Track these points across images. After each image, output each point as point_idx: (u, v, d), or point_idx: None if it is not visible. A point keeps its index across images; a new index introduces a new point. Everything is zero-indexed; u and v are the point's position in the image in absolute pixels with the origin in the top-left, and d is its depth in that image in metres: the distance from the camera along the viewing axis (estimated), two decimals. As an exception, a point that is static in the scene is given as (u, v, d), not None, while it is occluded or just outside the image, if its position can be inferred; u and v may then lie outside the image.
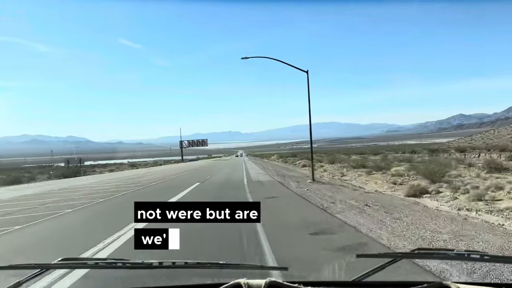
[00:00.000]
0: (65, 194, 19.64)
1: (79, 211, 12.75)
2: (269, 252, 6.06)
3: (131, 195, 17.51)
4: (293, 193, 15.60)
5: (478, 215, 10.83)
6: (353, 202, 12.27)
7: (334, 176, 30.32)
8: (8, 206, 15.20)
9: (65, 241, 8.42)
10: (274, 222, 8.64)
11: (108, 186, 24.36)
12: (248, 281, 1.63)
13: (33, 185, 33.06)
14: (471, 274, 4.56)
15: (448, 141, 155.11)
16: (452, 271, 4.73)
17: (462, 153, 57.97)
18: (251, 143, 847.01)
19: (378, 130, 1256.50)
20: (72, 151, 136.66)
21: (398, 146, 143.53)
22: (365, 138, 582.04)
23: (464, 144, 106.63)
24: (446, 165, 26.22)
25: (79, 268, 2.05)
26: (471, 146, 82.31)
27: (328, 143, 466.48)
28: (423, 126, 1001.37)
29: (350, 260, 5.19)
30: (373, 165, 33.43)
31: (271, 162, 71.29)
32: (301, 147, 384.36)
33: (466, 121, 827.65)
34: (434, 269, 4.84)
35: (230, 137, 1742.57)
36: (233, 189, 18.54)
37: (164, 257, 1.92)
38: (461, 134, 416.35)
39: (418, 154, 56.98)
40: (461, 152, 59.51)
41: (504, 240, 6.86)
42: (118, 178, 35.59)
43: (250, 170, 37.01)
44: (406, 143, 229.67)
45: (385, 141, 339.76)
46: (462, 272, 4.69)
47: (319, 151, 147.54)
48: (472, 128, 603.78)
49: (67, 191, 21.77)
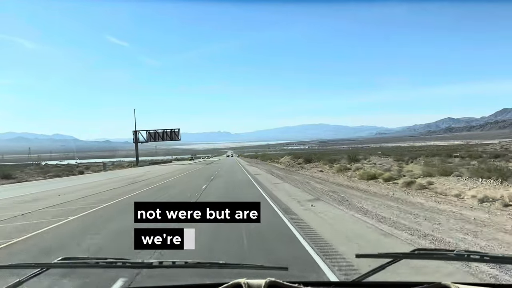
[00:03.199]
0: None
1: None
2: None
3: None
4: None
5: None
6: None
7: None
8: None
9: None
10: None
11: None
12: (248, 281, 1.63)
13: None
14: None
15: (500, 142, 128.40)
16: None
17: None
18: (240, 144, 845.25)
19: (367, 132, 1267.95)
20: (57, 149, 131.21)
21: (408, 148, 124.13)
22: (356, 140, 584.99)
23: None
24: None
25: (79, 267, 2.03)
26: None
27: (319, 145, 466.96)
28: (412, 129, 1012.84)
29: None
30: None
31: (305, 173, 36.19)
32: (292, 148, 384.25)
33: (454, 124, 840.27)
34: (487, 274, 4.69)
35: (219, 137, 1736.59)
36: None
37: (164, 256, 1.90)
38: (451, 137, 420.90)
39: (477, 159, 39.35)
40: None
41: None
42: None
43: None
44: (400, 145, 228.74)
45: (377, 143, 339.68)
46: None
47: (323, 151, 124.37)
48: (462, 132, 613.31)
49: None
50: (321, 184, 22.30)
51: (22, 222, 10.97)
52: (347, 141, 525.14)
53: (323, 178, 27.57)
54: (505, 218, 9.90)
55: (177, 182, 27.93)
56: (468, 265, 5.06)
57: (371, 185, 20.50)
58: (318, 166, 43.27)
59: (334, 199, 14.66)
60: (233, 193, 18.54)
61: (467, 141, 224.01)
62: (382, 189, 18.43)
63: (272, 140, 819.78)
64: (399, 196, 15.49)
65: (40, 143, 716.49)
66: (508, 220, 9.62)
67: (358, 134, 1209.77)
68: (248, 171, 39.39)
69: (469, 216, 10.36)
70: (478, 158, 40.43)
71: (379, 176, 22.86)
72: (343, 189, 18.80)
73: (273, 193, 17.53)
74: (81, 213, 12.53)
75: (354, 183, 22.32)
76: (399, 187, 18.71)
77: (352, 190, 18.38)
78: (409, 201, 13.89)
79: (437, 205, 12.69)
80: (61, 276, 4.77)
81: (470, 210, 11.52)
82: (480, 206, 12.22)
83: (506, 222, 9.39)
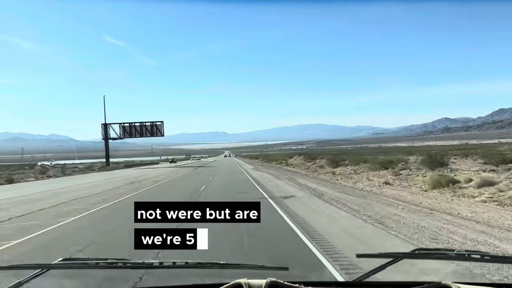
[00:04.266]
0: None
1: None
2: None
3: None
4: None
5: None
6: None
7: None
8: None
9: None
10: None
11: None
12: (249, 281, 1.64)
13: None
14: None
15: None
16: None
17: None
18: (238, 144, 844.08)
19: (364, 133, 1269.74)
20: (53, 149, 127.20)
21: (416, 148, 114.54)
22: (353, 140, 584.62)
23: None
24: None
25: (79, 268, 2.04)
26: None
27: (317, 145, 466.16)
28: (408, 129, 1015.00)
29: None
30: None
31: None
32: (290, 148, 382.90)
33: (451, 125, 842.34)
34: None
35: (216, 137, 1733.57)
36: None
37: (164, 257, 1.90)
38: (448, 137, 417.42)
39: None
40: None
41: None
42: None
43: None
44: (398, 145, 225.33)
45: (376, 143, 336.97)
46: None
47: (327, 152, 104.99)
48: (460, 132, 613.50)
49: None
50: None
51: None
52: (345, 141, 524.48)
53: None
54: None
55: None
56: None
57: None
58: (358, 172, 29.29)
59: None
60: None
61: (466, 141, 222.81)
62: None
63: (270, 140, 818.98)
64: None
65: (36, 144, 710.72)
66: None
67: (356, 134, 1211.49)
68: (263, 187, 21.42)
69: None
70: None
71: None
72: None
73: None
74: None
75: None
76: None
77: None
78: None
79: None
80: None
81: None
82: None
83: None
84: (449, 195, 15.31)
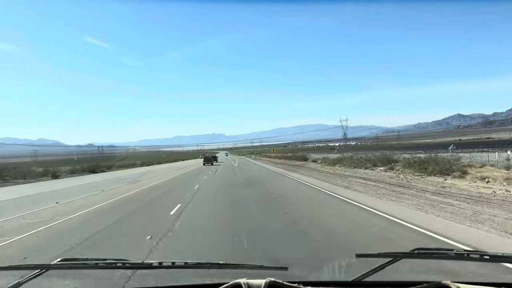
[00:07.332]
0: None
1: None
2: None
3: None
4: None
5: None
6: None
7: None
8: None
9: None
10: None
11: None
12: (248, 281, 1.64)
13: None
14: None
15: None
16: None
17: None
18: (235, 145, 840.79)
19: (367, 132, 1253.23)
20: (32, 154, 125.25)
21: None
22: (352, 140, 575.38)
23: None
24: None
25: (79, 268, 2.05)
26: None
27: (345, 145, 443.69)
28: (417, 127, 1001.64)
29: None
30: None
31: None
32: (288, 148, 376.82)
33: (464, 122, 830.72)
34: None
35: (214, 139, 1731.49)
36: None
37: (164, 256, 1.91)
38: (490, 131, 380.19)
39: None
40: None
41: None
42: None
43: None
44: (459, 140, 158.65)
45: (418, 139, 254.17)
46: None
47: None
48: (480, 128, 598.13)
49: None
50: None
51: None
52: (386, 138, 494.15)
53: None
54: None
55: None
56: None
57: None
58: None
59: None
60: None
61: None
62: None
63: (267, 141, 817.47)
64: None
65: (23, 148, 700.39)
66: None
67: (359, 133, 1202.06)
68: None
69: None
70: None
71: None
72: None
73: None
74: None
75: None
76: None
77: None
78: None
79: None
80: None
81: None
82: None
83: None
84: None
